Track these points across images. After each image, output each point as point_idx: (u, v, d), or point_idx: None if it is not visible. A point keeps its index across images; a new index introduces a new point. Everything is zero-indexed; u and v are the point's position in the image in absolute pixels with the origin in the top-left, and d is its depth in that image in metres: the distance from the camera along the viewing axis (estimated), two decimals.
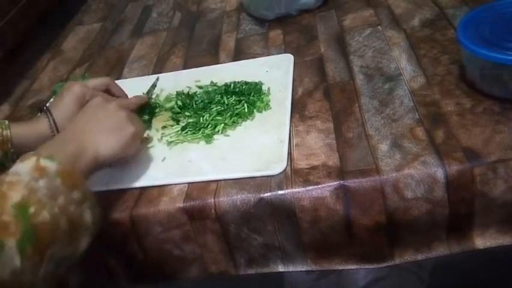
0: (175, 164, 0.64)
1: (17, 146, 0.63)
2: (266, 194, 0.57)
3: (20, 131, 0.64)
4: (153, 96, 0.80)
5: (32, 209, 0.43)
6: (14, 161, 0.49)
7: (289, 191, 0.56)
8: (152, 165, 0.65)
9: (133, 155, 0.64)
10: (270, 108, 0.69)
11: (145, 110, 0.75)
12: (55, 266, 0.45)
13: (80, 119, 0.61)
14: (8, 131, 0.63)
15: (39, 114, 0.69)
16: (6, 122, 0.64)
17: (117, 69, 0.92)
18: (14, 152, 0.62)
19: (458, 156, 0.53)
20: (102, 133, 0.58)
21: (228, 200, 0.57)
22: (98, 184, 0.64)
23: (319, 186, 0.56)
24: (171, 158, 0.66)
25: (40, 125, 0.65)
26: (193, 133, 0.68)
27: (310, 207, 0.56)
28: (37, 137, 0.63)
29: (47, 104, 0.69)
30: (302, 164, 0.59)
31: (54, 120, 0.65)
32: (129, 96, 0.78)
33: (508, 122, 0.56)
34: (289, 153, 0.61)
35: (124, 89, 0.81)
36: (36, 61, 1.06)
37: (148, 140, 0.70)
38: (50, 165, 0.48)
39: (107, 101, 0.63)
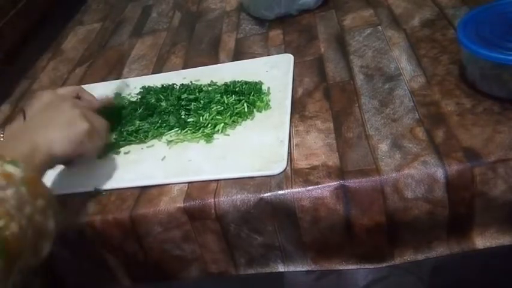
0: (175, 163, 0.64)
1: None
2: (266, 194, 0.57)
3: None
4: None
5: (1, 223, 0.42)
6: None
7: (289, 191, 0.56)
8: (152, 164, 0.65)
9: (91, 155, 0.63)
10: (270, 108, 0.69)
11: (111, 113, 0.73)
12: (21, 276, 0.44)
13: (31, 116, 0.60)
14: None
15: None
16: None
17: (117, 69, 0.92)
18: None
19: (458, 156, 0.53)
20: (55, 129, 0.57)
21: (228, 200, 0.57)
22: (98, 184, 0.64)
23: (319, 186, 0.56)
24: (171, 157, 0.66)
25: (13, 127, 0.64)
26: (193, 132, 0.68)
27: (310, 207, 0.56)
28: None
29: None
30: (302, 164, 0.59)
31: None
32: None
33: (508, 122, 0.56)
34: (289, 153, 0.61)
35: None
36: (36, 61, 1.06)
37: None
38: (15, 171, 0.46)
39: (62, 98, 0.62)
